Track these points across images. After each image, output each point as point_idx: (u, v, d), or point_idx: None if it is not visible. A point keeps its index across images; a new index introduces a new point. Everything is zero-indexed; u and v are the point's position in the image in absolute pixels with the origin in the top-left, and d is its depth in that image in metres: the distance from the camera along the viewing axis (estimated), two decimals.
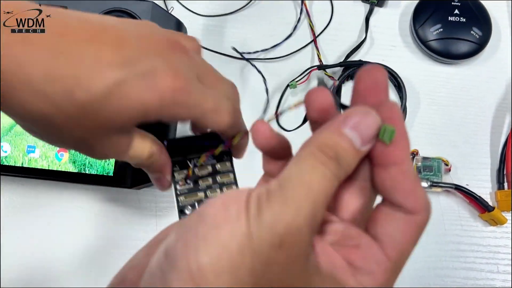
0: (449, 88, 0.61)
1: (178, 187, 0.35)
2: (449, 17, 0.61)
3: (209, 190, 0.36)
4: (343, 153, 0.22)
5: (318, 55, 0.61)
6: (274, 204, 0.20)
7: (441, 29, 0.60)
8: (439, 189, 0.56)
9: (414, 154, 0.56)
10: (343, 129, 0.23)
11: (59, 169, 0.51)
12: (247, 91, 0.60)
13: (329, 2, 0.64)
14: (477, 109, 0.60)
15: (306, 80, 0.60)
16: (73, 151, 0.51)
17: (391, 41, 0.63)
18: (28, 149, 0.51)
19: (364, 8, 0.64)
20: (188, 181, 0.36)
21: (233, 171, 0.37)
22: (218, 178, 0.36)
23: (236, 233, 0.19)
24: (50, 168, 0.51)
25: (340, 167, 0.22)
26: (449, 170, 0.57)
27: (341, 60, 0.61)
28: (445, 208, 0.56)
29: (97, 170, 0.51)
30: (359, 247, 0.23)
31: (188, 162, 0.36)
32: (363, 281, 0.22)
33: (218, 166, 0.37)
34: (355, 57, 0.62)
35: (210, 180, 0.36)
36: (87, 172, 0.51)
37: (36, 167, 0.51)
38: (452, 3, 0.61)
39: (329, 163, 0.22)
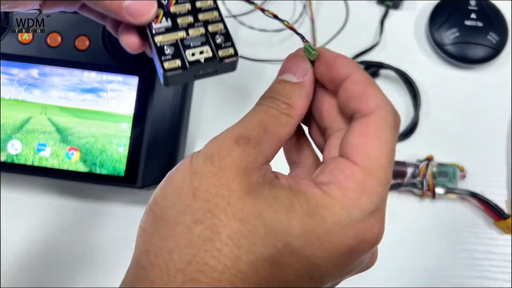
0: (465, 93, 0.60)
1: (153, 25, 0.32)
2: (466, 21, 0.60)
3: (191, 29, 0.32)
4: (279, 90, 0.27)
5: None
6: (208, 141, 0.25)
7: (457, 33, 0.60)
8: (454, 196, 0.55)
9: (429, 159, 0.55)
10: (278, 77, 0.28)
11: (69, 169, 0.50)
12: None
13: (343, 2, 0.63)
14: (493, 115, 0.59)
15: None
16: (84, 150, 0.50)
17: (406, 44, 0.62)
18: (39, 147, 0.50)
19: (379, 10, 0.63)
20: (164, 20, 0.32)
21: (217, 8, 0.33)
22: (200, 16, 0.33)
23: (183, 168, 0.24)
24: (61, 167, 0.50)
25: (275, 100, 0.26)
26: (465, 176, 0.56)
27: (356, 60, 0.60)
28: (459, 215, 0.55)
29: (107, 170, 0.50)
30: (327, 169, 0.25)
31: None
32: (328, 189, 0.23)
33: (198, 4, 0.33)
34: (370, 58, 0.61)
35: (190, 18, 0.33)
36: (97, 172, 0.50)
37: (46, 166, 0.50)
38: (469, 7, 0.60)
39: (263, 101, 0.27)
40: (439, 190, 0.54)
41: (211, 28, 0.33)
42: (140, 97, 0.51)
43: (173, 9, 0.33)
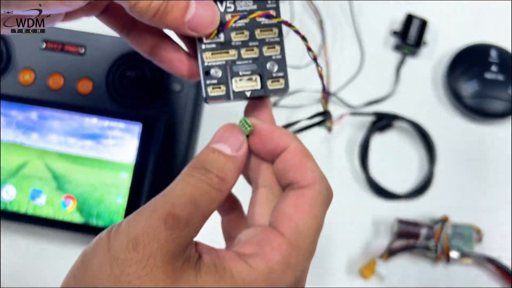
0: (482, 148, 0.57)
1: (204, 40, 0.29)
2: (486, 74, 0.57)
3: (244, 48, 0.29)
4: (212, 162, 0.25)
5: (322, 105, 0.58)
6: (130, 217, 0.23)
7: (477, 86, 0.57)
8: (469, 261, 0.52)
9: (444, 220, 0.52)
10: (211, 145, 0.27)
11: (65, 219, 0.48)
12: None
13: (359, 48, 0.61)
14: None
15: (337, 123, 0.57)
16: (81, 199, 0.48)
17: (422, 94, 0.59)
18: (34, 194, 0.48)
19: (395, 57, 0.61)
20: (218, 34, 0.29)
21: (278, 26, 0.29)
22: (257, 32, 0.29)
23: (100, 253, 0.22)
24: (55, 217, 0.48)
25: (208, 173, 0.25)
26: (481, 239, 0.53)
27: (369, 109, 0.57)
28: (475, 281, 0.52)
29: (104, 222, 0.48)
30: (255, 239, 0.25)
31: (219, 4, 0.29)
32: (253, 263, 0.23)
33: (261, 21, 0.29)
34: (384, 108, 0.58)
35: (246, 33, 0.29)
36: (93, 223, 0.47)
37: (40, 215, 0.48)
38: (490, 59, 0.58)
39: (194, 172, 0.25)
40: (453, 254, 0.51)
41: (266, 50, 0.29)
42: (142, 146, 0.48)
43: (229, 17, 0.29)
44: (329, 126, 0.54)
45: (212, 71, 0.29)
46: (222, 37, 0.29)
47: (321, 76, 0.32)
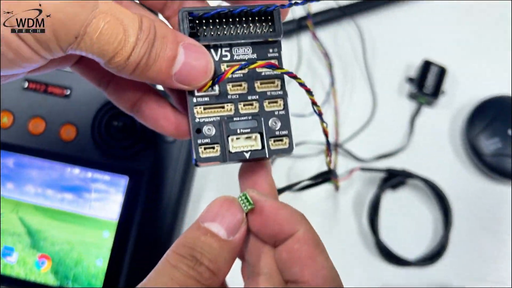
0: (503, 211, 0.52)
1: (196, 92, 0.25)
2: (509, 131, 0.52)
3: (242, 102, 0.26)
4: (204, 248, 0.22)
5: (327, 164, 0.53)
6: None
7: (499, 144, 0.52)
8: None
9: None
10: (202, 224, 0.23)
11: (37, 281, 0.43)
12: None
13: (371, 94, 0.56)
14: None
15: (346, 178, 0.52)
16: (56, 259, 0.43)
17: (438, 149, 0.54)
18: (5, 251, 0.43)
19: (410, 106, 0.56)
20: (213, 86, 0.25)
21: (281, 77, 0.26)
22: (257, 84, 0.26)
23: None
24: (27, 278, 0.43)
25: (198, 265, 0.21)
26: None
27: (380, 164, 0.52)
28: None
29: (81, 284, 0.42)
30: None
31: (213, 52, 0.25)
32: None
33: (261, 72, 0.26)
34: (397, 162, 0.53)
35: (244, 85, 0.26)
36: (70, 286, 0.42)
37: (10, 275, 0.43)
38: None
39: (181, 262, 0.21)
40: None
41: (267, 105, 0.26)
42: (128, 202, 0.44)
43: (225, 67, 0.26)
44: (335, 185, 0.49)
45: (205, 129, 0.25)
46: (216, 89, 0.25)
47: (326, 133, 0.28)
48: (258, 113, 0.26)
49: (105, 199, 0.44)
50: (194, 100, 0.25)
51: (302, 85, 0.26)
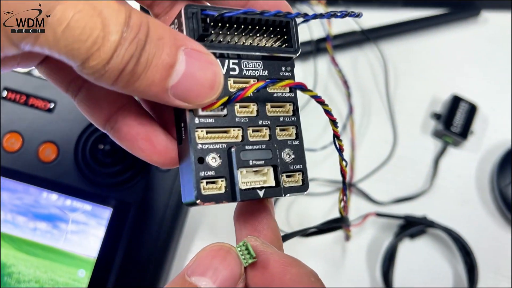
0: None
1: (200, 111, 0.20)
2: None
3: (252, 127, 0.21)
4: None
5: (340, 210, 0.47)
6: None
7: None
8: None
9: None
10: (189, 277, 0.19)
11: None
12: None
13: (391, 129, 0.50)
14: None
15: (359, 224, 0.46)
16: None
17: (463, 194, 0.49)
18: None
19: (434, 145, 0.50)
20: (226, 105, 0.20)
21: (293, 101, 0.22)
22: (268, 107, 0.22)
23: None
24: None
25: None
26: None
27: (399, 208, 0.47)
28: None
29: None
30: None
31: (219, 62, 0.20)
32: None
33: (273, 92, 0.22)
34: (417, 207, 0.47)
35: (253, 108, 0.21)
36: None
37: None
38: None
39: None
40: None
41: (279, 132, 0.22)
42: (110, 237, 0.38)
43: (233, 83, 0.21)
44: (347, 234, 0.43)
45: (209, 158, 0.20)
46: (225, 109, 0.20)
47: (343, 174, 0.23)
48: (269, 141, 0.22)
49: (83, 232, 0.38)
50: (197, 120, 0.20)
51: (328, 113, 0.21)
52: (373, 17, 0.54)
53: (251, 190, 0.20)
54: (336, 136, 0.22)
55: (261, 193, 0.21)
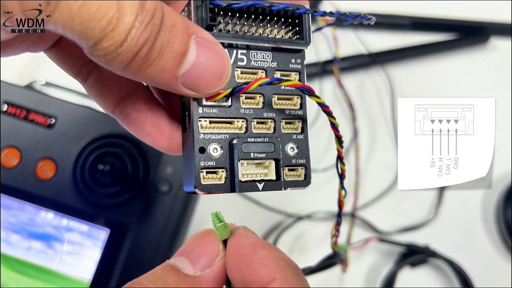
0: None
1: (204, 101, 0.20)
2: None
3: (256, 119, 0.21)
4: (157, 284, 0.18)
5: (332, 246, 0.46)
6: None
7: None
8: None
9: None
10: (168, 260, 0.20)
11: None
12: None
13: (396, 157, 0.49)
14: None
15: (360, 248, 0.45)
16: None
17: (468, 224, 0.48)
18: None
19: None
20: (230, 97, 0.21)
21: (301, 95, 0.22)
22: (275, 99, 0.22)
23: None
24: None
25: None
26: None
27: (401, 236, 0.46)
28: None
29: None
30: None
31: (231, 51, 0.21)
32: None
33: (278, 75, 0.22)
34: (420, 236, 0.46)
35: (259, 99, 0.21)
36: None
37: None
38: None
39: None
40: None
41: (284, 126, 0.22)
42: (106, 259, 0.37)
43: (239, 73, 0.21)
44: (343, 269, 0.42)
45: (210, 148, 0.20)
46: (229, 100, 0.21)
47: (340, 205, 0.23)
48: (273, 134, 0.21)
49: (79, 253, 0.37)
50: (200, 110, 0.20)
51: (334, 127, 0.21)
52: (380, 40, 0.53)
53: (250, 183, 0.21)
54: (339, 158, 0.22)
55: (260, 186, 0.21)
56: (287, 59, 0.22)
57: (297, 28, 0.22)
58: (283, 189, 0.21)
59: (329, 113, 0.21)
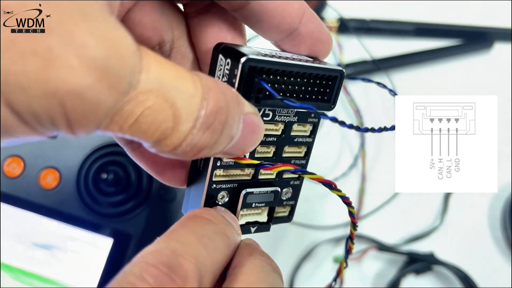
0: None
1: (225, 158, 0.21)
2: None
3: (267, 162, 0.21)
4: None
5: (344, 259, 0.46)
6: None
7: None
8: None
9: None
10: None
11: None
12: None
13: None
14: None
15: (357, 259, 0.45)
16: None
17: (474, 232, 0.47)
18: None
19: None
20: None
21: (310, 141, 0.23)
22: (285, 149, 0.22)
23: None
24: None
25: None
26: None
27: (404, 243, 0.45)
28: None
29: None
30: None
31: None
32: None
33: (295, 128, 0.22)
34: (425, 243, 0.46)
35: (272, 148, 0.22)
36: None
37: None
38: None
39: None
40: None
41: (285, 172, 0.23)
42: (110, 269, 0.36)
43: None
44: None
45: (219, 196, 0.21)
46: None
47: (349, 250, 0.23)
48: (275, 181, 0.23)
49: (83, 263, 0.36)
50: (218, 163, 0.20)
51: (352, 215, 0.21)
52: (384, 47, 0.53)
53: (245, 227, 0.22)
54: (350, 238, 0.22)
55: (253, 229, 0.22)
56: (307, 115, 0.22)
57: (327, 90, 0.21)
58: (269, 228, 0.23)
59: (349, 204, 0.21)
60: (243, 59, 0.18)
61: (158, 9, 0.21)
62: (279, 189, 0.22)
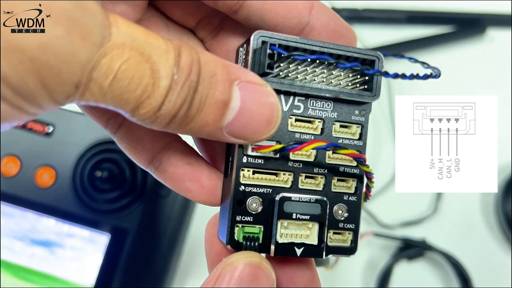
0: None
1: (250, 151, 0.19)
2: None
3: (305, 173, 0.19)
4: None
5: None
6: None
7: None
8: None
9: None
10: None
11: None
12: None
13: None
14: None
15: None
16: None
17: (468, 218, 0.48)
18: None
19: None
20: (278, 154, 0.19)
21: (362, 146, 0.20)
22: (329, 154, 0.20)
23: None
24: None
25: None
26: None
27: (399, 225, 0.46)
28: None
29: None
30: None
31: (282, 99, 0.19)
32: None
33: (336, 127, 0.20)
34: (419, 229, 0.47)
35: (312, 152, 0.20)
36: None
37: None
38: None
39: None
40: None
41: (336, 183, 0.20)
42: (107, 264, 0.37)
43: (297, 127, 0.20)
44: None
45: (249, 202, 0.18)
46: (278, 154, 0.19)
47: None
48: (322, 192, 0.20)
49: (81, 258, 0.37)
50: (244, 159, 0.18)
51: (369, 190, 0.20)
52: (377, 35, 0.53)
53: (288, 245, 0.19)
54: (367, 196, 0.21)
55: (299, 251, 0.19)
56: (350, 110, 0.20)
57: (365, 78, 0.20)
58: (324, 256, 0.19)
59: (370, 179, 0.20)
60: (254, 34, 0.18)
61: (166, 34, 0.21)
62: (327, 200, 0.19)
